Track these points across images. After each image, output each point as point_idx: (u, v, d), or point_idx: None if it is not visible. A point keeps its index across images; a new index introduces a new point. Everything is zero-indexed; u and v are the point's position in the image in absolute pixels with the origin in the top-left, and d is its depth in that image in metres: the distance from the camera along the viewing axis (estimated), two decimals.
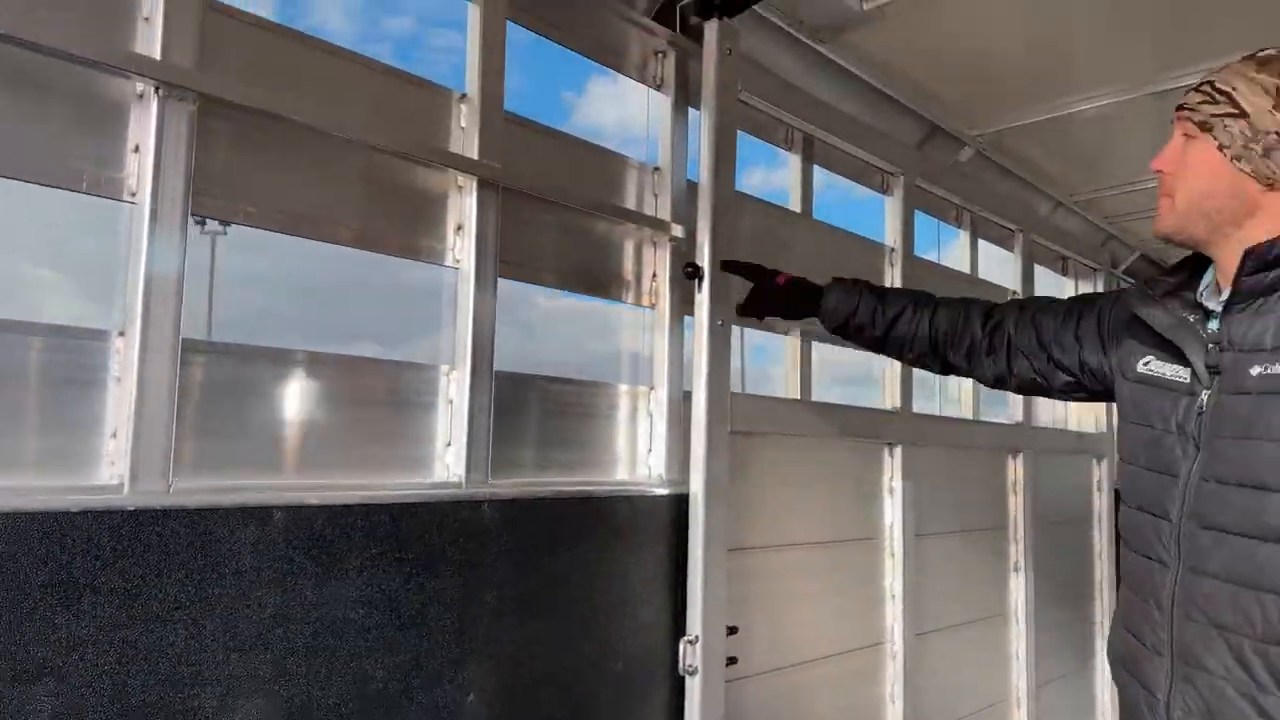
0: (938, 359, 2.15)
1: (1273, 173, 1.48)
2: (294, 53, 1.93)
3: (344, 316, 2.09)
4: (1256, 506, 1.40)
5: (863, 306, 2.19)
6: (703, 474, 2.36)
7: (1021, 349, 2.01)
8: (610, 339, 2.71)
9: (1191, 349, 1.57)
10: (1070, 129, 3.83)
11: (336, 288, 2.32)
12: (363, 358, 2.04)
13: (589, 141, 2.52)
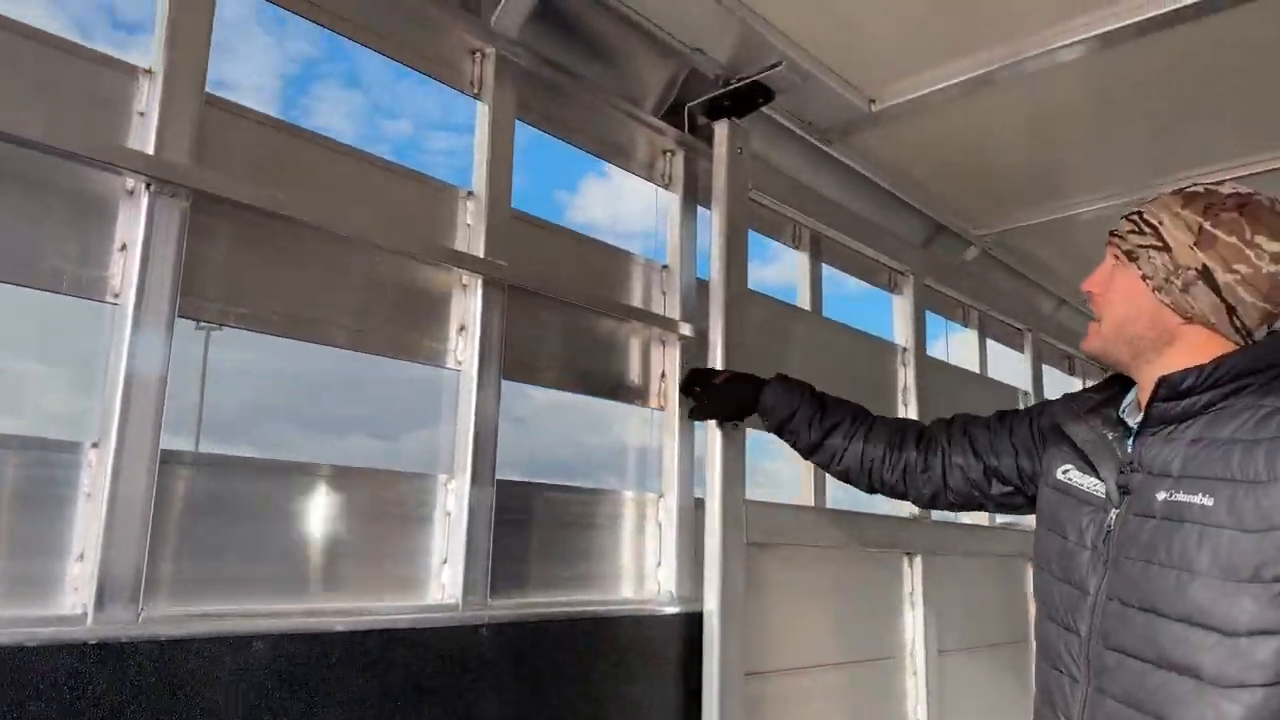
0: (864, 475, 2.12)
1: (1190, 307, 1.51)
2: (294, 149, 1.86)
3: (339, 410, 2.00)
4: (1152, 632, 1.42)
5: (801, 411, 2.15)
6: (718, 591, 2.19)
7: (956, 462, 2.00)
8: (617, 442, 2.58)
9: (1105, 467, 1.59)
10: (1071, 230, 3.83)
11: (333, 381, 2.21)
12: (355, 468, 1.90)
13: (597, 239, 2.45)
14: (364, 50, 2.05)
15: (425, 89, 11.60)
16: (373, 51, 2.05)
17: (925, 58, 2.63)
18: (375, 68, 27.77)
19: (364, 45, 2.04)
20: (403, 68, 2.12)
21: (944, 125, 2.95)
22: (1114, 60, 2.54)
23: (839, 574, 2.76)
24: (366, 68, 49.14)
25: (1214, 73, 2.65)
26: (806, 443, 2.15)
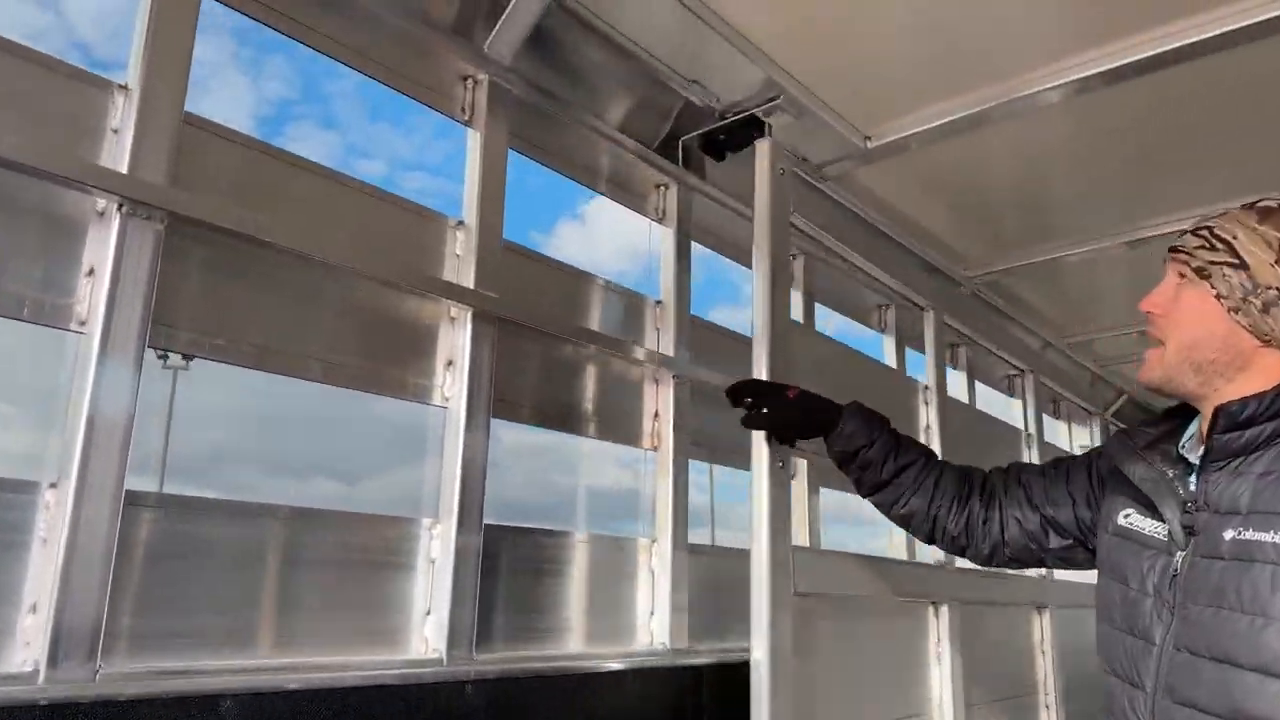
0: (927, 522, 1.95)
1: (1270, 329, 1.40)
2: (276, 172, 1.77)
3: (308, 451, 1.88)
4: (1224, 683, 1.30)
5: (879, 443, 1.96)
6: (766, 641, 1.90)
7: (1013, 514, 1.86)
8: (608, 483, 2.49)
9: (1168, 507, 1.47)
10: (1059, 272, 3.82)
11: (296, 422, 2.08)
12: (332, 511, 1.78)
13: (590, 273, 2.37)
14: (339, 94, 1.98)
15: (399, 130, 11.64)
16: (365, 76, 1.98)
17: (921, 95, 2.60)
18: (351, 109, 27.93)
19: (357, 70, 1.96)
20: (379, 108, 2.05)
21: (937, 164, 2.92)
22: (1099, 103, 2.53)
23: (872, 625, 2.62)
24: (342, 109, 49.03)
25: (1198, 117, 2.64)
26: (874, 480, 1.96)
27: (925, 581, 2.86)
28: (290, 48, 1.97)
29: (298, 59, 23.64)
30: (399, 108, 7.86)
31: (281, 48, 12.42)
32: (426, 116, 2.25)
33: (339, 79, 54.95)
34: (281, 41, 1.93)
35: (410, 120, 57.82)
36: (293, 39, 1.84)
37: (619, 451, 2.45)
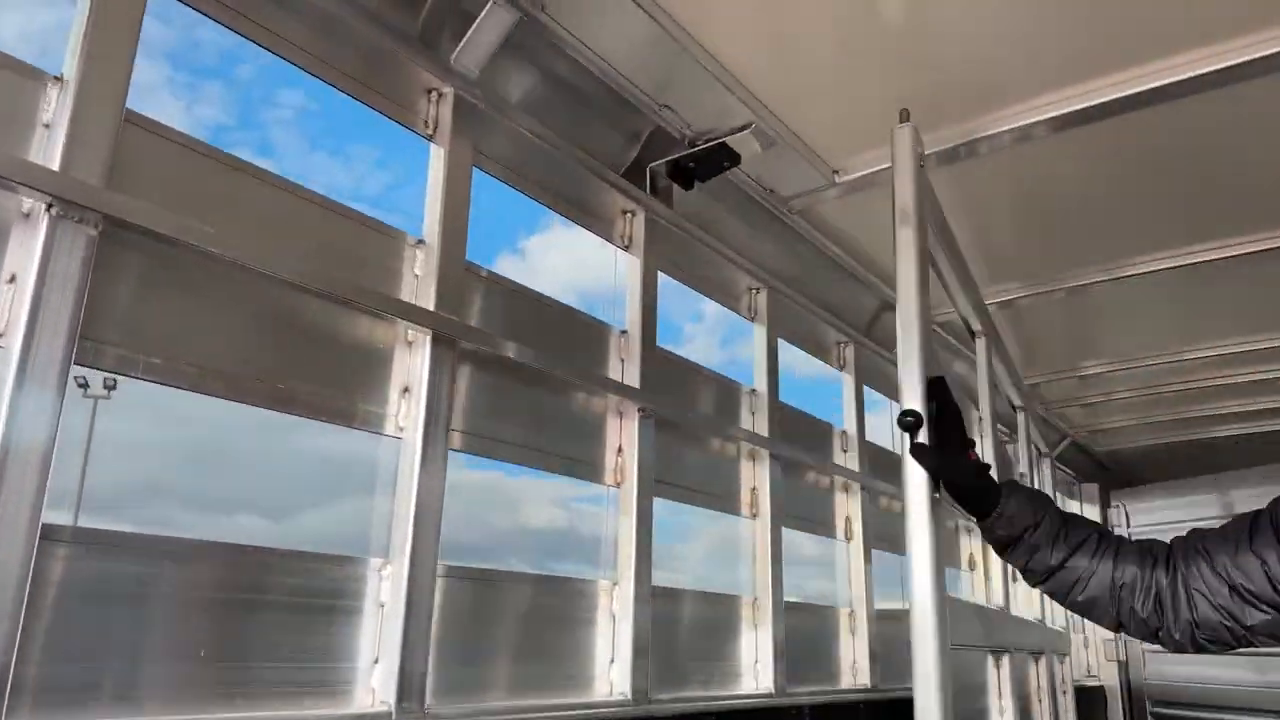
0: (1113, 605, 1.69)
1: None
2: (224, 179, 1.63)
3: (235, 485, 1.73)
4: None
5: (1046, 523, 1.70)
6: (937, 701, 1.57)
7: (1197, 588, 1.61)
8: (565, 520, 2.37)
9: None
10: (1009, 317, 3.85)
11: (234, 454, 1.93)
12: (267, 548, 1.62)
13: (555, 299, 2.26)
14: (276, 121, 1.86)
15: (338, 159, 11.25)
16: (324, 83, 1.86)
17: (883, 132, 2.58)
18: (288, 138, 26.79)
19: (316, 76, 1.84)
20: (318, 138, 1.93)
21: None
22: (1049, 150, 2.55)
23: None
24: (279, 137, 47.51)
25: (1133, 170, 2.68)
26: (1044, 565, 1.70)
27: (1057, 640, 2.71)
28: (228, 74, 1.82)
29: (235, 85, 22.81)
30: (338, 136, 7.69)
31: (218, 74, 11.89)
32: (367, 144, 2.13)
33: (277, 107, 53.11)
34: (217, 68, 1.82)
35: (348, 150, 55.96)
36: (254, 42, 1.72)
37: (558, 490, 2.34)
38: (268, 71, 9.93)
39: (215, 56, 21.02)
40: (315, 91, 5.07)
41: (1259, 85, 2.18)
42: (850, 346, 3.40)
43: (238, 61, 24.11)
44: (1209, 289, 3.56)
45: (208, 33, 1.83)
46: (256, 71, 31.29)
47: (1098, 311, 3.89)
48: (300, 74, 1.84)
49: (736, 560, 2.82)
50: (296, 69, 1.82)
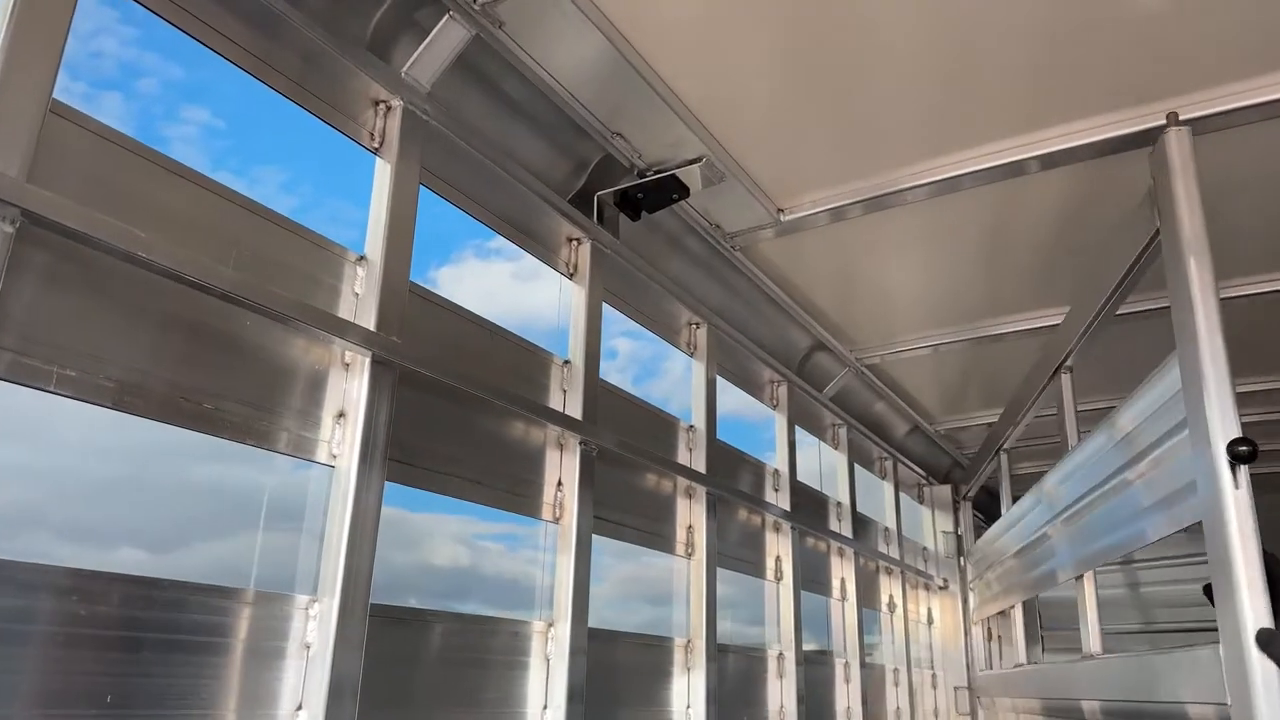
0: None
1: None
2: (156, 180, 1.51)
3: (119, 516, 1.57)
4: None
5: None
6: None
7: None
8: (469, 559, 2.27)
9: None
10: (926, 363, 3.93)
11: (124, 482, 1.76)
12: (178, 581, 1.47)
13: (499, 326, 2.18)
14: (179, 138, 1.75)
15: (244, 180, 10.85)
16: (265, 86, 1.75)
17: (831, 177, 2.61)
18: (191, 155, 26.20)
19: (257, 79, 1.73)
20: (222, 158, 1.83)
21: (837, 245, 2.95)
22: (957, 206, 2.63)
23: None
24: (181, 154, 46.42)
25: (1046, 225, 2.78)
26: None
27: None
28: (127, 86, 1.71)
29: (135, 98, 22.03)
30: (247, 157, 7.44)
31: (120, 84, 11.35)
32: (274, 166, 2.04)
33: (182, 124, 51.61)
34: (121, 78, 1.72)
35: (255, 172, 54.95)
36: (197, 40, 1.60)
37: (463, 526, 2.25)
38: (173, 86, 9.56)
39: (116, 69, 20.30)
40: (222, 110, 4.90)
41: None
42: (783, 385, 3.39)
43: (141, 75, 23.28)
44: (1115, 340, 3.71)
45: (110, 43, 1.72)
46: (161, 86, 30.17)
47: (1010, 360, 4.00)
48: (208, 91, 1.75)
49: (656, 601, 2.76)
50: (207, 84, 1.71)
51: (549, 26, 1.93)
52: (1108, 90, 2.16)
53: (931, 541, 4.97)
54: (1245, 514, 1.62)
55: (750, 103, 2.27)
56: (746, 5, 1.92)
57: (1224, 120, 2.15)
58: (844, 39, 2.03)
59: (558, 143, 2.30)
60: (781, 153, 2.50)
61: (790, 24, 1.99)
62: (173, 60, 1.89)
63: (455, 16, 1.87)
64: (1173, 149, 1.90)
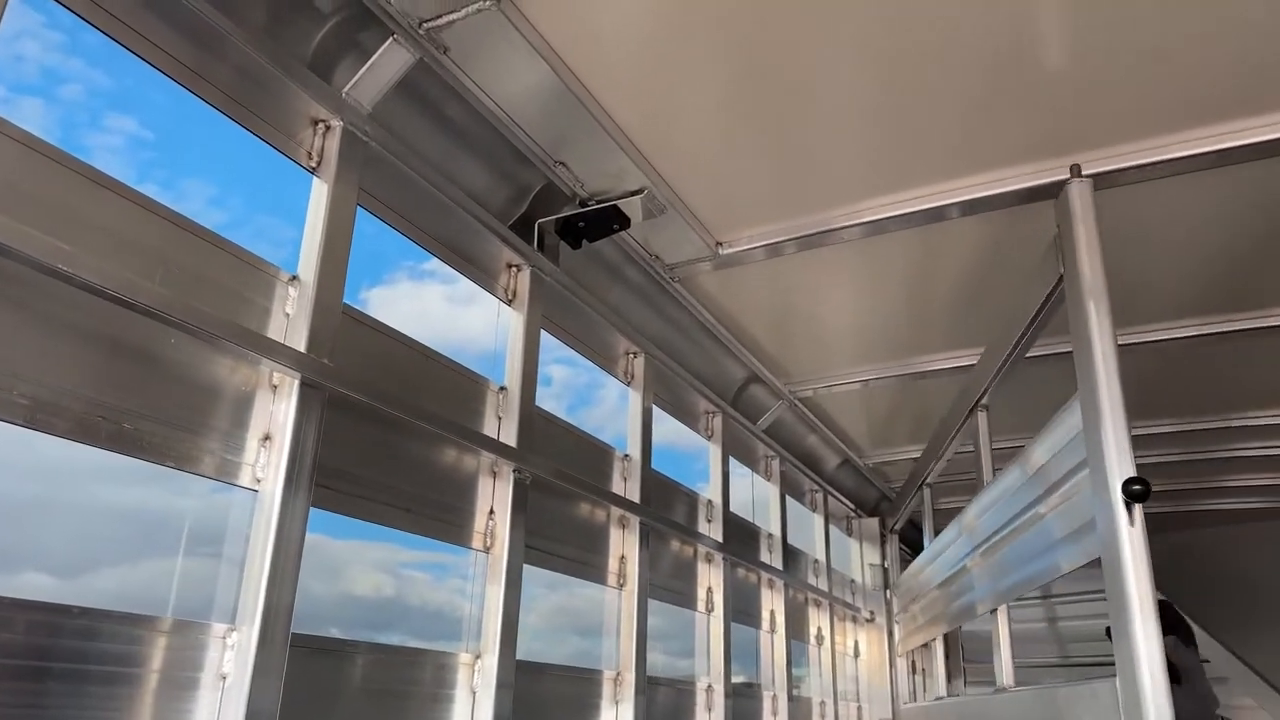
0: None
1: None
2: (81, 191, 1.46)
3: (21, 539, 1.49)
4: None
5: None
6: None
7: None
8: (393, 588, 2.23)
9: None
10: (855, 397, 4.01)
11: (26, 505, 1.68)
12: (85, 608, 1.40)
13: (433, 350, 2.15)
14: (103, 146, 1.72)
15: (170, 193, 10.49)
16: (200, 99, 1.71)
17: (768, 213, 2.66)
18: (115, 165, 25.27)
19: (192, 92, 1.69)
20: (151, 168, 1.79)
21: (771, 279, 2.99)
22: (886, 247, 2.71)
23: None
24: (105, 164, 43.96)
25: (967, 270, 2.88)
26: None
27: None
28: (50, 92, 1.66)
29: (57, 103, 20.88)
30: (172, 169, 7.20)
31: (40, 91, 10.78)
32: (203, 180, 2.00)
33: (105, 132, 48.87)
34: (39, 85, 1.68)
35: (182, 185, 53.02)
36: (130, 50, 1.56)
37: (387, 555, 2.22)
38: (98, 93, 9.15)
39: (38, 74, 19.51)
40: (150, 120, 4.74)
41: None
42: (718, 416, 3.42)
43: (63, 81, 22.36)
44: (1032, 383, 3.84)
45: (32, 47, 1.67)
46: (85, 93, 28.94)
47: (933, 397, 4.10)
48: (135, 99, 1.71)
49: (585, 632, 2.74)
50: (135, 93, 1.67)
51: (494, 54, 1.93)
52: (1022, 143, 2.26)
53: (859, 574, 5.03)
54: (1140, 551, 1.69)
55: (693, 139, 2.31)
56: (691, 45, 1.96)
57: (1127, 175, 2.26)
58: (784, 85, 2.08)
59: (500, 169, 2.29)
60: (722, 188, 2.54)
61: (733, 67, 2.04)
62: (98, 67, 1.84)
63: (399, 40, 1.86)
64: (1075, 200, 1.99)
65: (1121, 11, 1.84)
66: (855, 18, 1.88)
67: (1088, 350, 1.86)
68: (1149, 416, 4.10)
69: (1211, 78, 2.01)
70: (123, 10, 1.55)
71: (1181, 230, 2.60)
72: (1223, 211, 2.50)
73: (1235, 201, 2.44)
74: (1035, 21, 1.89)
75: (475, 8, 1.79)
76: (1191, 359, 3.38)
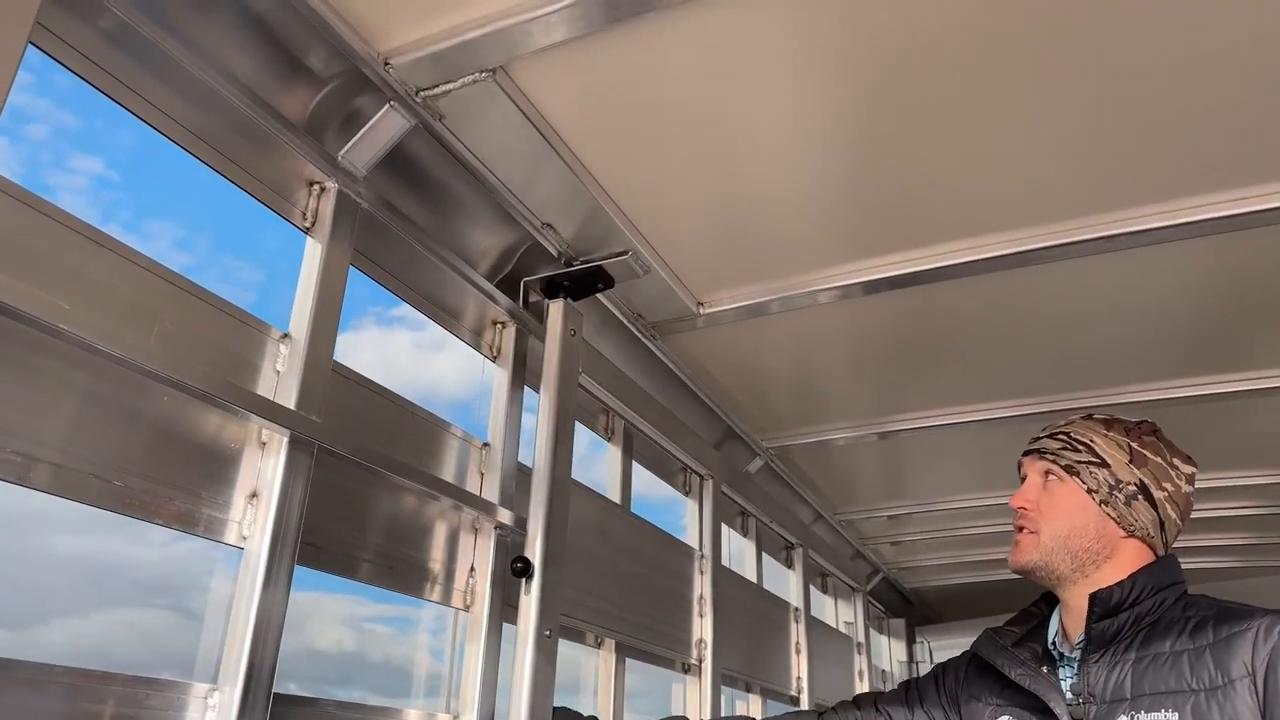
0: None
1: (1133, 520, 1.56)
2: (79, 250, 1.48)
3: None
4: None
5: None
6: None
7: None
8: (354, 643, 2.22)
9: (1055, 701, 1.52)
10: (829, 453, 4.07)
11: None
12: (68, 668, 1.40)
13: (419, 407, 2.17)
14: (67, 187, 1.75)
15: (135, 234, 10.35)
16: (198, 161, 1.75)
17: (741, 275, 2.73)
18: (80, 205, 24.56)
19: (188, 151, 1.73)
20: (114, 208, 1.82)
21: (748, 339, 3.06)
22: (861, 309, 2.79)
23: None
24: (69, 203, 42.77)
25: (950, 330, 2.97)
26: None
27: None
28: (14, 132, 1.69)
29: (22, 142, 20.30)
30: (137, 210, 7.09)
31: (4, 130, 10.49)
32: (168, 221, 2.03)
33: (70, 173, 47.20)
34: (6, 126, 1.71)
35: (145, 225, 51.37)
36: (130, 112, 1.61)
37: (351, 608, 2.22)
38: (63, 133, 9.05)
39: (9, 117, 19.24)
40: (115, 161, 4.68)
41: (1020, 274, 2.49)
42: (703, 478, 3.44)
43: (29, 121, 22.02)
44: (1001, 442, 3.92)
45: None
46: (52, 132, 28.49)
47: (906, 455, 4.19)
48: (101, 140, 1.75)
49: (562, 688, 2.72)
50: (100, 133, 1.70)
51: (487, 121, 1.99)
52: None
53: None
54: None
55: (676, 208, 2.38)
56: (677, 126, 2.04)
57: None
58: (760, 171, 2.17)
59: (488, 229, 2.34)
60: (702, 253, 2.61)
61: (715, 162, 2.16)
62: (65, 107, 1.84)
63: (396, 106, 1.91)
64: None
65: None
66: (818, 127, 1.99)
67: None
68: None
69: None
70: (123, 72, 1.59)
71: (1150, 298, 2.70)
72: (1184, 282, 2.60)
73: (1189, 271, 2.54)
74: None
75: (471, 79, 1.85)
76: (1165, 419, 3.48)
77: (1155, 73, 1.82)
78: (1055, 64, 1.82)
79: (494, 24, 1.74)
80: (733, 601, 3.43)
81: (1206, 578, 5.62)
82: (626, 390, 2.82)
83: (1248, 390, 3.20)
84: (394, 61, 1.84)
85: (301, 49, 1.79)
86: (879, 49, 1.80)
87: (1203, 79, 1.83)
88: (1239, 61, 1.78)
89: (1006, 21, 1.71)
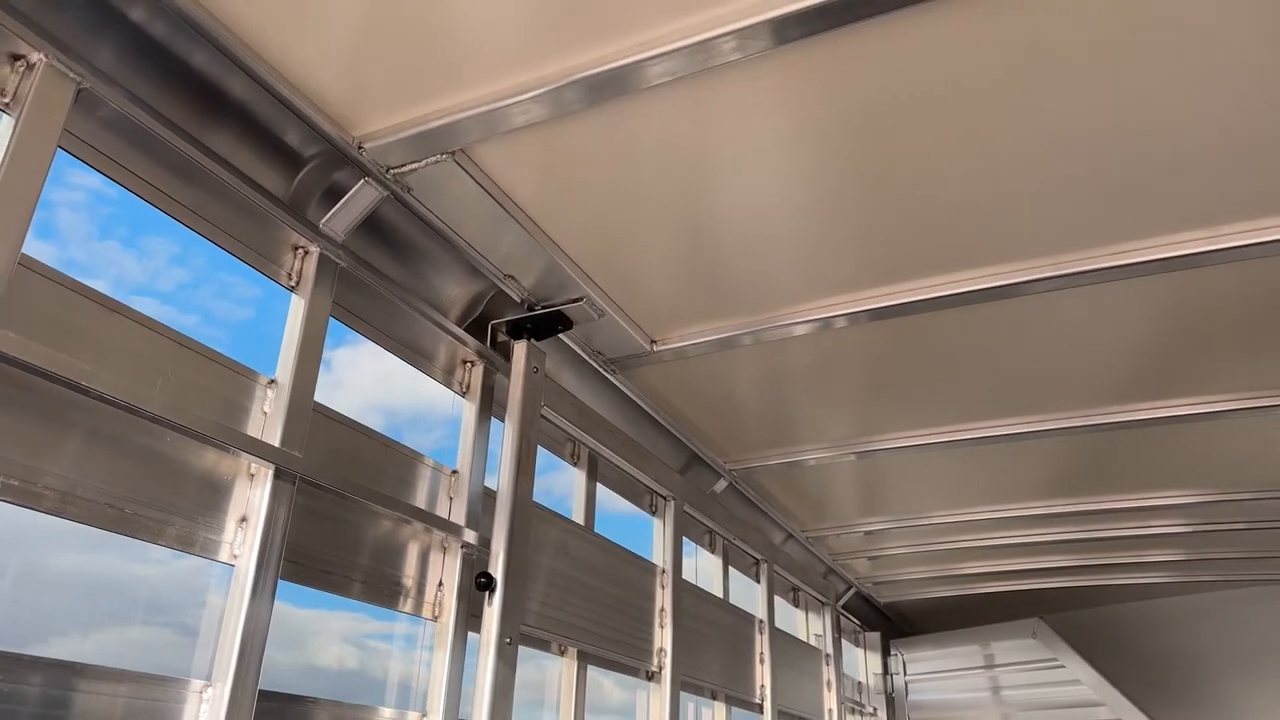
0: None
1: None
2: (99, 319, 1.77)
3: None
4: None
5: None
6: None
7: None
8: (378, 654, 2.48)
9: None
10: (799, 474, 4.33)
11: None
12: (69, 662, 1.66)
13: (391, 439, 2.46)
14: (65, 201, 2.00)
15: (132, 251, 10.85)
16: (196, 234, 2.05)
17: (696, 314, 3.01)
18: (76, 220, 25.34)
19: (188, 227, 2.03)
20: (112, 224, 2.06)
21: (708, 370, 3.34)
22: (837, 339, 3.06)
23: None
24: (65, 219, 43.54)
25: (927, 356, 3.24)
26: None
27: None
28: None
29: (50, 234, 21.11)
30: (132, 227, 7.43)
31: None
32: (162, 238, 2.29)
33: (68, 188, 48.12)
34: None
35: (140, 242, 51.78)
36: (135, 194, 1.90)
37: (352, 625, 2.48)
38: (61, 155, 9.44)
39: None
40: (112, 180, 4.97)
41: (993, 307, 2.76)
42: (665, 499, 3.71)
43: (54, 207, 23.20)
44: (972, 461, 4.17)
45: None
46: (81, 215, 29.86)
47: (882, 474, 4.44)
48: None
49: (530, 705, 2.98)
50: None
51: (449, 192, 2.29)
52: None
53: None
54: None
55: (628, 261, 2.66)
56: (638, 197, 2.33)
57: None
58: (712, 211, 2.44)
59: (457, 280, 2.64)
60: (655, 298, 2.89)
61: (674, 233, 2.47)
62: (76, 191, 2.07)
63: (370, 181, 2.21)
64: None
65: None
66: (790, 191, 2.27)
67: None
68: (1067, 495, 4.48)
69: None
70: (119, 154, 1.88)
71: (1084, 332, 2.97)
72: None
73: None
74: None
75: (434, 159, 2.15)
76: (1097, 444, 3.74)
77: (1112, 134, 2.06)
78: (1021, 129, 2.06)
79: (450, 116, 2.04)
80: (695, 614, 3.69)
81: (1142, 594, 5.85)
82: (588, 420, 3.09)
83: (1195, 414, 3.44)
84: (367, 145, 2.14)
85: (288, 136, 2.10)
86: (848, 116, 2.03)
87: (1152, 144, 2.09)
88: (1181, 131, 2.04)
89: (972, 95, 1.95)
